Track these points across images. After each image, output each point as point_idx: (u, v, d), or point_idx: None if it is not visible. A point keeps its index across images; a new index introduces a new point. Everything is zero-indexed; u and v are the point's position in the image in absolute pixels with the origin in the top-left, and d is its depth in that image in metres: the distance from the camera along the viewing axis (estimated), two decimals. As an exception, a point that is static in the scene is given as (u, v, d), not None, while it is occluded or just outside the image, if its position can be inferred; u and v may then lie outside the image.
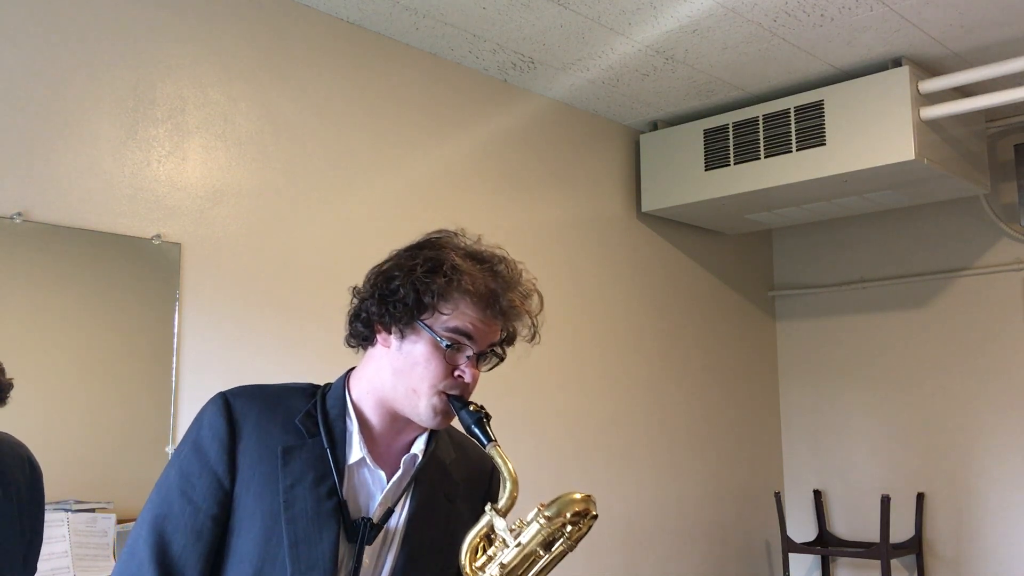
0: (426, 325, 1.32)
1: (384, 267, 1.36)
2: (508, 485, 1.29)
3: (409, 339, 1.33)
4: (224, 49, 2.87)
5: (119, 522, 2.37)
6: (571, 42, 3.37)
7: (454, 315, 1.31)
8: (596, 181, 4.06)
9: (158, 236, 2.65)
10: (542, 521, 1.27)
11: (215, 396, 1.35)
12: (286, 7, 3.04)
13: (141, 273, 2.62)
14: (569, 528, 1.28)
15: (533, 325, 1.39)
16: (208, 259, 2.75)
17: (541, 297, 1.40)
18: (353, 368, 1.43)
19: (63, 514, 2.29)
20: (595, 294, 3.97)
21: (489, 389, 3.47)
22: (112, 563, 2.24)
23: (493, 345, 1.37)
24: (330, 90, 3.13)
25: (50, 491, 1.99)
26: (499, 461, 1.30)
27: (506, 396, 3.52)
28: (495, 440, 1.31)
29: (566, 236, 3.88)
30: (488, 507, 1.29)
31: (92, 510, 2.36)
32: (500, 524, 1.28)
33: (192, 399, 2.62)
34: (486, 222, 3.52)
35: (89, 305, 2.54)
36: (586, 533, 1.30)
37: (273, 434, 1.32)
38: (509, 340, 1.40)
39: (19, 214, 2.38)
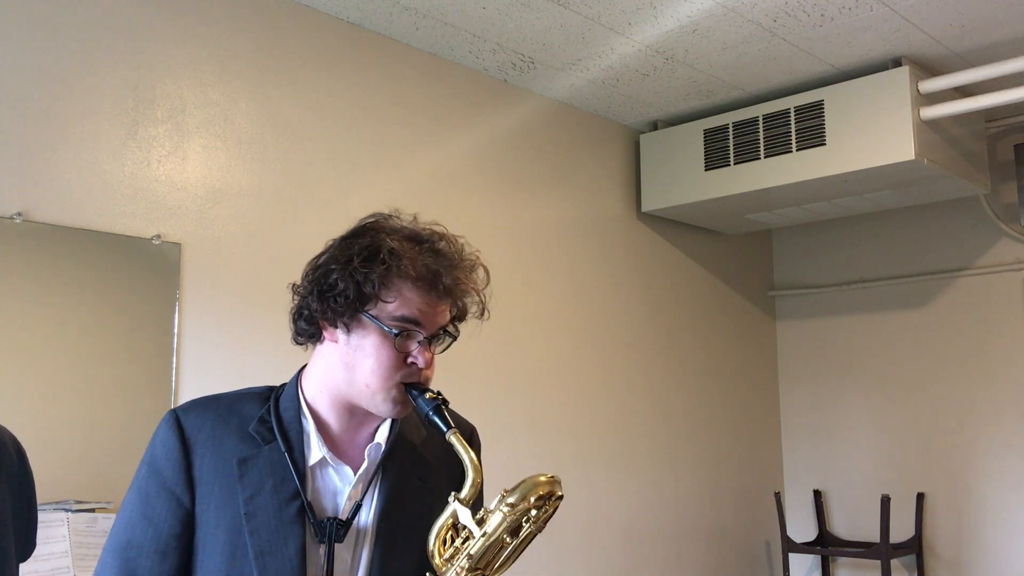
0: (371, 316, 1.27)
1: (320, 261, 1.32)
2: (470, 473, 1.26)
3: (356, 332, 1.29)
4: (224, 49, 2.87)
5: (119, 522, 2.37)
6: (571, 42, 3.37)
7: (398, 302, 1.27)
8: (596, 181, 4.06)
9: (158, 236, 2.65)
10: (505, 509, 1.24)
11: (167, 414, 1.33)
12: (286, 7, 3.04)
13: (141, 273, 2.62)
14: (534, 512, 1.25)
15: (481, 301, 1.35)
16: (208, 259, 2.75)
17: (486, 270, 1.35)
18: (305, 366, 1.40)
19: (63, 514, 2.29)
20: (595, 294, 3.97)
21: (489, 389, 3.48)
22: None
23: (443, 326, 1.32)
24: (330, 90, 3.13)
25: (50, 491, 1.99)
26: (459, 448, 1.27)
27: (506, 396, 3.52)
28: (454, 427, 1.28)
29: (566, 236, 3.88)
30: (451, 497, 1.27)
31: (92, 510, 2.36)
32: (464, 514, 1.26)
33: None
34: (486, 222, 3.52)
35: (89, 305, 2.54)
36: (552, 514, 1.27)
37: (228, 446, 1.29)
38: (460, 317, 1.35)
39: (19, 214, 2.38)
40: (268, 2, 3.00)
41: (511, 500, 1.25)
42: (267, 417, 1.33)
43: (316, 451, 1.32)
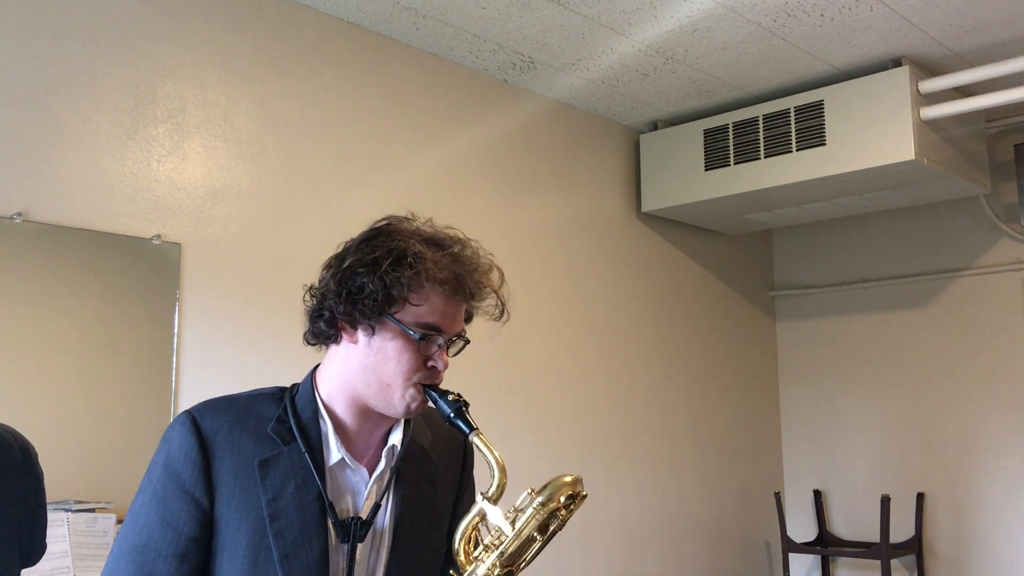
0: (396, 319, 1.28)
1: (345, 263, 1.31)
2: (497, 473, 1.29)
3: (378, 335, 1.30)
4: (224, 49, 2.87)
5: (119, 522, 2.37)
6: (571, 42, 3.37)
7: (426, 306, 1.28)
8: (596, 181, 4.06)
9: (158, 236, 2.65)
10: (536, 506, 1.28)
11: (181, 415, 1.31)
12: (286, 7, 3.04)
13: (141, 273, 2.62)
14: (563, 512, 1.30)
15: (500, 302, 1.37)
16: (208, 259, 2.75)
17: (501, 271, 1.37)
18: (318, 366, 1.40)
19: (63, 514, 2.29)
20: (595, 294, 3.97)
21: (490, 388, 3.48)
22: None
23: (460, 330, 1.35)
24: (330, 90, 3.13)
25: (50, 491, 1.99)
26: (484, 450, 1.29)
27: (506, 396, 3.52)
28: (477, 428, 1.30)
29: (566, 236, 3.88)
30: (479, 496, 1.29)
31: (92, 510, 2.36)
32: (494, 513, 1.28)
33: (192, 399, 2.61)
34: (486, 222, 3.53)
35: (89, 305, 2.54)
36: (575, 512, 1.31)
37: (247, 447, 1.29)
38: (468, 320, 1.37)
39: (19, 214, 2.38)
40: (268, 2, 3.00)
41: (541, 499, 1.29)
42: (285, 417, 1.32)
43: (335, 452, 1.33)
